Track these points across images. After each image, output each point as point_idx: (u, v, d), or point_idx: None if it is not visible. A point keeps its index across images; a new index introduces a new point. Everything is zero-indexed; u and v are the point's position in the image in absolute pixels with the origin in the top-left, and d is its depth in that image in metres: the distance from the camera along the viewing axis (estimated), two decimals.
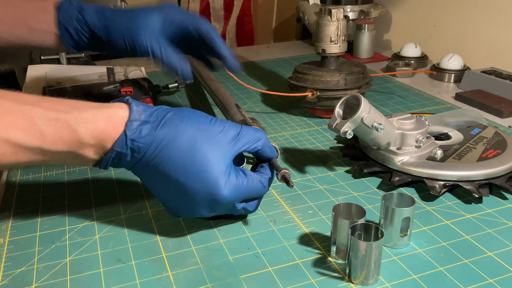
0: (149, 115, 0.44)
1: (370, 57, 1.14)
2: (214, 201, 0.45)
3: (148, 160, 0.44)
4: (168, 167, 0.44)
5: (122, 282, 0.43)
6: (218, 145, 0.45)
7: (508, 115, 0.79)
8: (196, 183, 0.44)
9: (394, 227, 0.46)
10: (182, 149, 0.43)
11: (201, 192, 0.44)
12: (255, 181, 0.47)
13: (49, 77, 0.96)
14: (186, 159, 0.43)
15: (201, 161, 0.44)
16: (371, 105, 0.54)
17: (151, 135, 0.43)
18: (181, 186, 0.44)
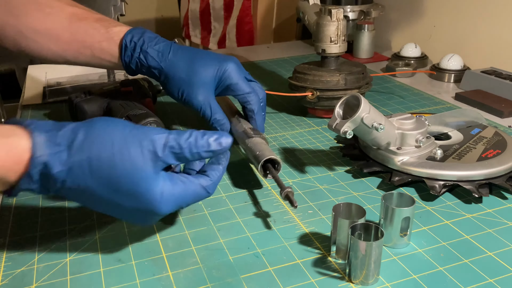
0: (53, 147, 0.39)
1: (370, 57, 1.14)
2: (155, 215, 0.42)
3: (67, 191, 0.40)
4: (92, 197, 0.40)
5: (122, 282, 0.43)
6: (139, 164, 0.40)
7: (508, 115, 0.79)
8: (131, 202, 0.41)
9: (394, 227, 0.46)
10: (101, 177, 0.39)
11: (141, 208, 0.41)
12: (197, 187, 0.43)
13: (49, 77, 0.96)
14: (112, 182, 0.40)
15: (128, 185, 0.40)
16: (371, 105, 0.54)
17: (61, 171, 0.39)
18: (115, 208, 0.42)
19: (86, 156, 0.39)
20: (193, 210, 0.53)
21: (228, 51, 1.38)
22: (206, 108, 0.64)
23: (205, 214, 0.53)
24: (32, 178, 0.39)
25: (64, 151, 0.39)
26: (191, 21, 2.01)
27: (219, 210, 0.54)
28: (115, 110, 0.72)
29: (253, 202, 0.55)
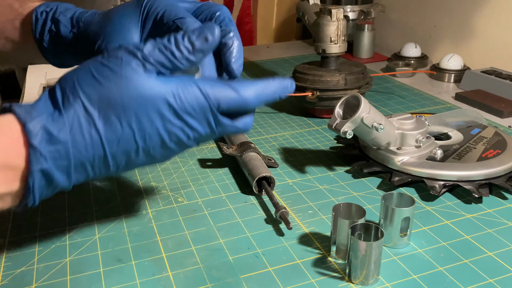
0: (40, 111, 0.34)
1: (370, 57, 1.14)
2: (156, 103, 0.35)
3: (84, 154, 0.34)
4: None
5: (122, 282, 0.43)
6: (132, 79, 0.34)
7: (508, 115, 0.79)
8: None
9: (394, 227, 0.46)
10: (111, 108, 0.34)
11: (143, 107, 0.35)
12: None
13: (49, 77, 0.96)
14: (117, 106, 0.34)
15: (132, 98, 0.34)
16: (371, 105, 0.54)
17: (62, 123, 0.34)
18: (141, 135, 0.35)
19: (79, 102, 0.34)
20: (193, 210, 0.53)
21: None
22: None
23: (205, 214, 0.53)
24: (38, 150, 0.33)
25: (54, 112, 0.34)
26: None
27: (219, 210, 0.54)
28: None
29: (253, 202, 0.55)
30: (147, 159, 0.38)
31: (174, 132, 0.37)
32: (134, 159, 0.37)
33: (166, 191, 0.57)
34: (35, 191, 0.34)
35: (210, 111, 0.37)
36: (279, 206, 0.50)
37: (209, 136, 0.39)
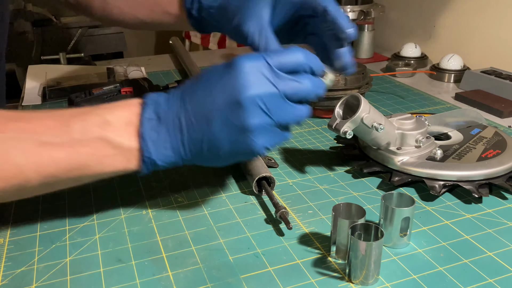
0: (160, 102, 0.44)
1: (370, 57, 1.14)
2: (238, 83, 0.42)
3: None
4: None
5: (122, 282, 0.43)
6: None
7: (508, 115, 0.79)
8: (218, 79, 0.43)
9: (394, 227, 0.46)
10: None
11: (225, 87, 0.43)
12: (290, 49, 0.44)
13: (49, 77, 0.96)
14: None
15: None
16: (371, 105, 0.54)
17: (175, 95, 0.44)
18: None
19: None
20: (193, 210, 0.53)
21: (228, 51, 1.38)
22: (256, 36, 0.52)
23: (205, 214, 0.53)
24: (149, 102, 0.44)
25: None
26: None
27: (219, 210, 0.54)
28: None
29: (253, 202, 0.55)
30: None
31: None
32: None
33: (166, 191, 0.57)
34: (150, 146, 0.43)
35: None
36: (279, 206, 0.50)
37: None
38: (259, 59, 0.43)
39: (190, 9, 0.62)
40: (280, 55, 0.44)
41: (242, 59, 0.43)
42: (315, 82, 0.45)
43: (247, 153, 0.45)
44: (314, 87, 0.45)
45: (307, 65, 0.45)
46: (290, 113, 0.44)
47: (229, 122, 0.43)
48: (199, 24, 0.63)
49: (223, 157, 0.45)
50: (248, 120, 0.42)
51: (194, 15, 0.62)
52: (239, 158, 0.46)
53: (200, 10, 0.61)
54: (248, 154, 0.45)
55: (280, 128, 0.44)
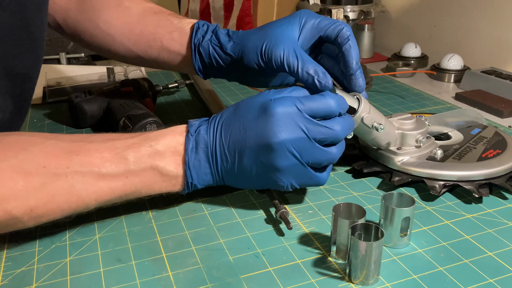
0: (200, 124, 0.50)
1: (370, 57, 1.14)
2: (271, 126, 0.46)
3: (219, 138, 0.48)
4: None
5: (122, 282, 0.43)
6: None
7: (508, 115, 0.79)
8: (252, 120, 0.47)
9: (394, 227, 0.46)
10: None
11: (259, 127, 0.47)
12: (313, 95, 0.48)
13: (49, 77, 0.96)
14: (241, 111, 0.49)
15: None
16: (371, 105, 0.54)
17: (214, 124, 0.49)
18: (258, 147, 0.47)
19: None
20: (193, 210, 0.53)
21: None
22: (291, 56, 0.52)
23: (205, 214, 0.53)
24: (192, 133, 0.49)
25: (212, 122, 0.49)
26: None
27: (219, 210, 0.54)
28: (115, 110, 0.72)
29: (253, 202, 0.55)
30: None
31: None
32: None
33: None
34: (192, 172, 0.49)
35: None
36: (279, 206, 0.50)
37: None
38: (292, 106, 0.47)
39: (197, 46, 0.60)
40: (311, 101, 0.48)
41: (276, 105, 0.47)
42: (345, 125, 0.49)
43: (276, 187, 0.50)
44: (343, 130, 0.49)
45: (337, 111, 0.48)
46: (320, 156, 0.48)
47: (259, 161, 0.48)
48: (205, 67, 0.62)
49: (254, 187, 0.53)
50: (278, 162, 0.47)
51: (202, 55, 0.60)
52: (266, 187, 0.52)
53: (212, 51, 0.60)
54: (276, 188, 0.50)
55: (313, 169, 0.49)
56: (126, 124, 0.67)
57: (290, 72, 0.53)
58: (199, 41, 0.60)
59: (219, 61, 0.60)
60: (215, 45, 0.59)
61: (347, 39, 0.54)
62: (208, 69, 0.62)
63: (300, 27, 0.55)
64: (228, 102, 0.87)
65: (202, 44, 0.60)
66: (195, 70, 0.62)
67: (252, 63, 0.56)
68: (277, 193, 0.56)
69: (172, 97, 0.91)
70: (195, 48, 0.61)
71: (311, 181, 0.50)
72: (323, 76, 0.50)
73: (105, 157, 0.46)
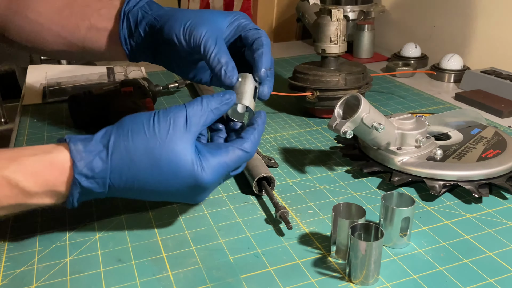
0: (90, 151, 0.42)
1: (370, 57, 1.14)
2: (203, 190, 0.45)
3: (117, 187, 0.43)
4: (141, 186, 0.43)
5: (122, 282, 0.43)
6: (174, 142, 0.43)
7: (508, 115, 0.79)
8: (176, 185, 0.43)
9: (394, 227, 0.46)
10: (144, 166, 0.43)
11: (186, 190, 0.44)
12: (235, 151, 0.45)
13: (49, 77, 0.96)
14: (154, 173, 0.43)
15: (169, 166, 0.43)
16: (371, 105, 0.54)
17: (105, 169, 0.42)
18: (164, 193, 0.44)
19: (124, 148, 0.42)
20: (193, 210, 0.53)
21: None
22: (210, 40, 0.52)
23: (205, 214, 0.53)
24: (78, 183, 0.42)
25: (102, 151, 0.42)
26: None
27: (219, 210, 0.54)
28: (115, 110, 0.72)
29: (253, 202, 0.55)
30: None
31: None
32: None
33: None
34: (74, 202, 0.44)
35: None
36: (279, 206, 0.50)
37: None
38: (221, 172, 0.45)
39: (126, 14, 0.58)
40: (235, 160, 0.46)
41: (207, 176, 0.44)
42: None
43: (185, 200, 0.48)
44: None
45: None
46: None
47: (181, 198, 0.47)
48: (131, 37, 0.59)
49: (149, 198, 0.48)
50: (202, 199, 0.47)
51: (130, 22, 0.58)
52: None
53: (141, 18, 0.57)
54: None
55: None
56: None
57: (203, 54, 0.52)
58: (130, 9, 0.58)
59: (145, 27, 0.57)
60: (145, 11, 0.58)
61: (260, 46, 0.53)
62: (133, 40, 0.59)
63: (230, 21, 0.55)
64: None
65: (132, 11, 0.58)
66: (121, 41, 0.59)
67: (172, 34, 0.54)
68: (277, 193, 0.56)
69: (172, 97, 0.91)
70: (124, 15, 0.58)
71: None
72: (231, 69, 0.51)
73: None
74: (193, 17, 0.54)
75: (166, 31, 0.54)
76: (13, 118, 0.92)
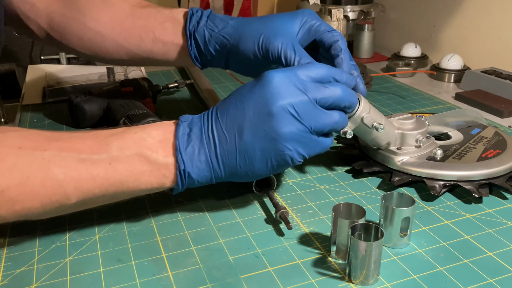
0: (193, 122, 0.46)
1: (370, 57, 1.14)
2: (271, 92, 0.44)
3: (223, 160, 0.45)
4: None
5: (122, 282, 0.43)
6: None
7: (508, 115, 0.79)
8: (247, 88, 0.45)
9: (394, 227, 0.46)
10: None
11: (257, 93, 0.44)
12: (322, 65, 0.47)
13: (49, 77, 0.96)
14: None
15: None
16: (371, 105, 0.54)
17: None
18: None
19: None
20: (193, 210, 0.53)
21: None
22: (288, 49, 0.53)
23: (205, 214, 0.53)
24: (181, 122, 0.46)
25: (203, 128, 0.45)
26: None
27: (219, 210, 0.54)
28: (115, 110, 0.72)
29: (253, 202, 0.55)
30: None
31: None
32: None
33: (166, 191, 0.57)
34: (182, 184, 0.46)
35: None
36: (279, 206, 0.50)
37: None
38: (288, 72, 0.45)
39: (193, 33, 0.59)
40: (308, 68, 0.46)
41: (271, 72, 0.45)
42: (346, 89, 0.47)
43: (282, 162, 0.45)
44: (345, 94, 0.46)
45: (334, 77, 0.47)
46: (323, 119, 0.45)
47: (261, 132, 0.44)
48: (201, 54, 0.60)
49: (257, 169, 0.46)
50: (280, 128, 0.44)
51: (198, 41, 0.59)
52: (274, 168, 0.46)
53: (208, 37, 0.58)
54: (283, 163, 0.46)
55: (316, 135, 0.46)
56: (126, 124, 0.67)
57: (286, 64, 0.53)
58: (194, 27, 0.59)
59: (215, 45, 0.58)
60: (211, 30, 0.58)
61: (339, 52, 0.54)
62: (204, 56, 0.60)
63: (301, 25, 0.56)
64: None
65: (197, 29, 0.58)
66: (191, 58, 0.61)
67: (248, 52, 0.55)
68: (277, 193, 0.56)
69: (172, 97, 0.91)
70: (190, 35, 0.59)
71: (317, 147, 0.46)
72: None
73: (86, 143, 0.43)
74: (263, 29, 0.55)
75: (241, 50, 0.56)
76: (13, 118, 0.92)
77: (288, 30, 0.55)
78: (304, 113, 0.44)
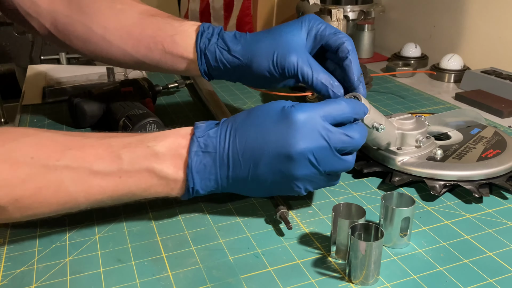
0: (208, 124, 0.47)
1: (370, 57, 1.14)
2: (295, 130, 0.44)
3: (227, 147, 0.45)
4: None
5: (122, 282, 0.43)
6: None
7: (508, 115, 0.79)
8: (268, 123, 0.45)
9: (394, 227, 0.46)
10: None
11: (278, 131, 0.45)
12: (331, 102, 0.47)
13: (49, 77, 0.96)
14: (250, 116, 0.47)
15: (262, 108, 0.47)
16: (371, 105, 0.54)
17: (222, 129, 0.46)
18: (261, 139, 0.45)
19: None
20: (193, 210, 0.53)
21: None
22: (304, 66, 0.54)
23: (205, 214, 0.53)
24: (196, 139, 0.46)
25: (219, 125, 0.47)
26: (191, 21, 2.00)
27: (219, 210, 0.54)
28: (115, 110, 0.72)
29: (253, 202, 0.55)
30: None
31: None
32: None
33: None
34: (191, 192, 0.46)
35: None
36: (279, 206, 0.50)
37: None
38: (313, 113, 0.45)
39: (203, 50, 0.59)
40: (331, 107, 0.46)
41: (297, 111, 0.45)
42: (362, 133, 0.48)
43: (287, 192, 0.48)
44: (362, 138, 0.48)
45: (354, 116, 0.48)
46: (338, 165, 0.47)
47: (277, 170, 0.45)
48: (210, 69, 0.60)
49: (263, 194, 0.50)
50: (296, 171, 0.45)
51: (208, 58, 0.59)
52: (278, 194, 0.51)
53: (218, 52, 0.58)
54: (287, 193, 0.48)
55: (326, 176, 0.47)
56: (126, 124, 0.67)
57: (303, 81, 0.54)
58: (205, 44, 0.59)
59: (226, 64, 0.58)
60: (222, 49, 0.58)
61: (347, 54, 0.54)
62: (213, 71, 0.60)
63: (307, 32, 0.56)
64: (228, 102, 0.87)
65: (208, 47, 0.58)
66: (201, 73, 0.61)
67: (263, 70, 0.56)
68: None
69: (172, 97, 0.91)
70: (201, 52, 0.59)
71: (324, 185, 0.49)
72: (337, 88, 0.54)
73: (99, 153, 0.44)
74: (275, 46, 0.55)
75: (255, 68, 0.57)
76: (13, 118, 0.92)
77: (298, 43, 0.55)
78: (322, 160, 0.45)
